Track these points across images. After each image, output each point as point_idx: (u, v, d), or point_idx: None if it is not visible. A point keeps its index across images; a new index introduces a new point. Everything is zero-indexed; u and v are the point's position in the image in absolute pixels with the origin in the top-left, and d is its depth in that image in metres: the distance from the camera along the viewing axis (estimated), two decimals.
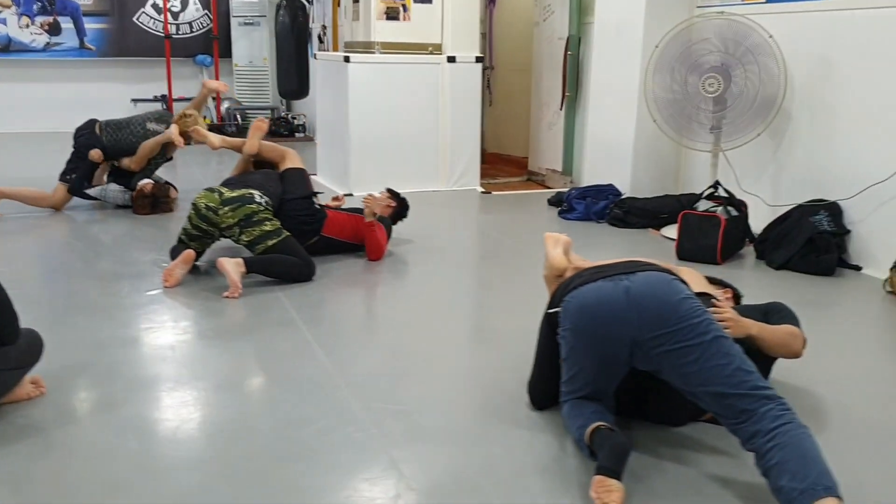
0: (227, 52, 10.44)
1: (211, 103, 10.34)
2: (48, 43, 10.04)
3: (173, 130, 5.68)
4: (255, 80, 10.47)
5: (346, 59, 6.32)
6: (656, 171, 5.85)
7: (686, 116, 5.00)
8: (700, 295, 2.62)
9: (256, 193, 4.18)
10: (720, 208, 4.71)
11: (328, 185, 6.75)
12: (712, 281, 3.20)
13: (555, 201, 6.06)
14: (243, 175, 4.64)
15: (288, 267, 4.10)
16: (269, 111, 10.42)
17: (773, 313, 2.84)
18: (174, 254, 4.14)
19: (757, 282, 4.38)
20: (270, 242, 4.08)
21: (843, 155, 4.66)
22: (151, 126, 5.90)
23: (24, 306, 2.69)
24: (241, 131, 10.22)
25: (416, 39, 6.52)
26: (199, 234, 4.16)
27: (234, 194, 4.15)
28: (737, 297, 3.21)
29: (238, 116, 10.21)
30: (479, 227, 5.61)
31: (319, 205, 4.55)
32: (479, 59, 6.66)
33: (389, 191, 4.98)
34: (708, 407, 2.29)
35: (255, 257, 4.07)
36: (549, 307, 2.61)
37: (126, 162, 5.82)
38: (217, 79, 10.21)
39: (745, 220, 4.81)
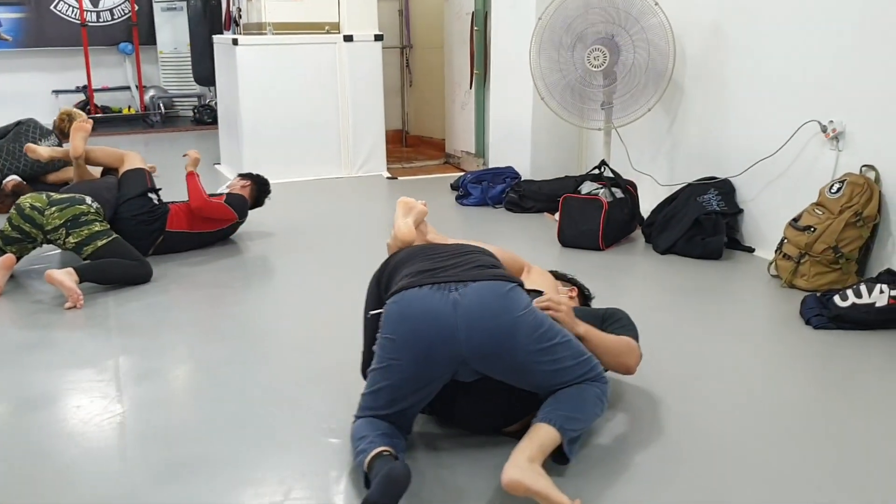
0: (150, 38, 10.04)
1: (134, 91, 9.99)
2: None
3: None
4: (180, 67, 10.06)
5: (234, 42, 5.97)
6: (557, 151, 5.53)
7: (576, 92, 4.66)
8: (529, 292, 2.31)
9: (87, 198, 3.91)
10: (602, 190, 4.39)
11: (229, 174, 6.39)
12: (559, 277, 2.91)
13: (456, 186, 5.74)
14: (76, 184, 4.31)
15: (123, 269, 3.79)
16: (195, 98, 10.04)
17: (612, 321, 2.56)
18: None
19: (639, 268, 4.07)
20: (100, 243, 3.78)
21: (735, 129, 4.34)
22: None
23: None
24: (166, 120, 9.89)
25: (312, 18, 6.18)
26: (19, 237, 3.80)
27: (62, 196, 3.89)
28: (585, 297, 2.91)
29: (162, 105, 9.84)
30: (367, 215, 5.28)
31: (159, 200, 4.23)
32: (378, 38, 6.29)
33: (241, 175, 4.71)
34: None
35: (86, 264, 3.73)
36: (369, 306, 2.32)
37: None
38: (139, 67, 9.86)
39: (632, 203, 4.48)
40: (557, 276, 2.92)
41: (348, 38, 6.17)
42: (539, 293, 2.38)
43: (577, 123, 4.80)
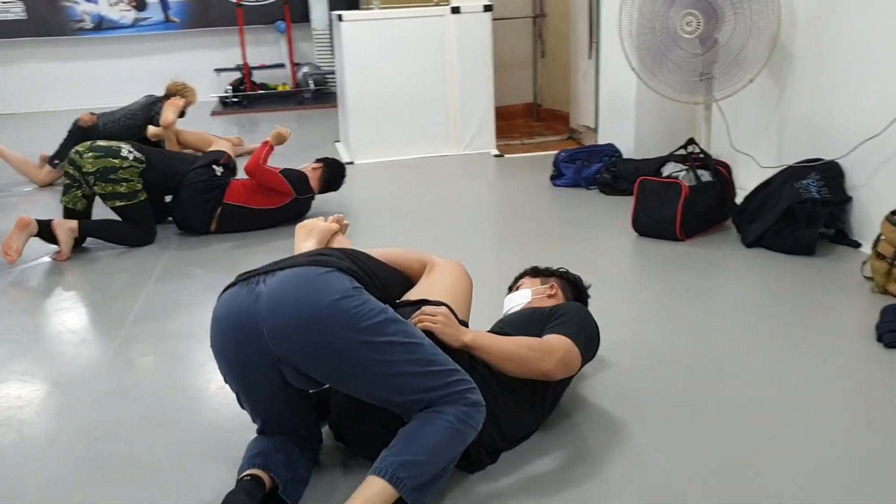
0: (305, 16, 10.26)
1: (288, 68, 10.27)
2: (136, 19, 10.31)
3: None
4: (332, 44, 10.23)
5: (340, 18, 5.90)
6: (665, 127, 5.00)
7: (668, 59, 4.16)
8: (416, 303, 2.05)
9: (126, 148, 4.08)
10: (684, 173, 3.90)
11: (345, 153, 6.36)
12: (538, 273, 2.59)
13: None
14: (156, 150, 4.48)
15: (121, 233, 4.11)
16: None
17: (556, 318, 2.21)
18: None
19: (716, 264, 3.58)
20: (119, 203, 4.05)
21: (846, 103, 3.70)
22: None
23: None
24: (319, 96, 10.09)
25: None
26: (69, 184, 4.09)
27: (103, 144, 4.10)
28: (577, 289, 2.55)
29: (313, 82, 10.03)
30: (464, 195, 5.05)
31: (223, 173, 4.26)
32: (487, 8, 5.99)
33: (318, 159, 4.62)
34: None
35: (87, 222, 4.09)
36: None
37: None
38: (291, 45, 10.10)
39: (723, 187, 3.96)
40: (537, 272, 2.61)
41: (456, 10, 5.92)
42: (417, 305, 2.09)
43: (673, 97, 4.30)
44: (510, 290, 2.64)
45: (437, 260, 2.34)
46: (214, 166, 4.27)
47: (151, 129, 5.19)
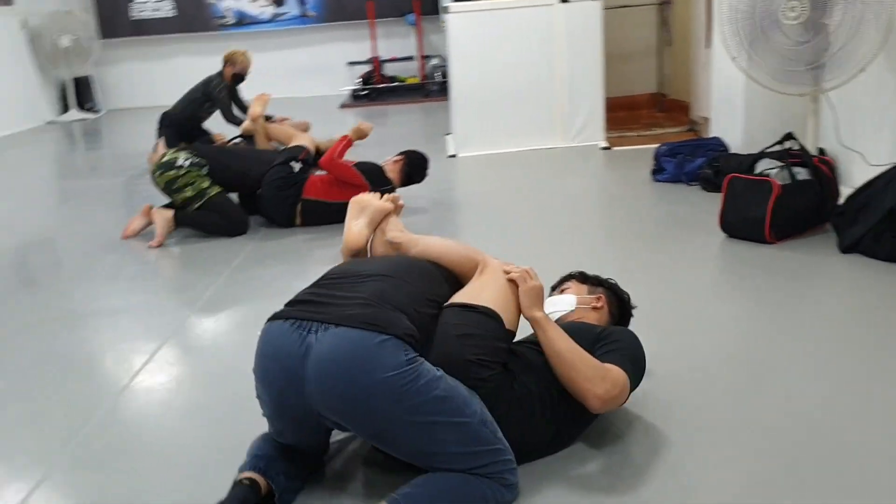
0: (434, 8, 10.30)
1: (415, 61, 10.35)
2: (274, 14, 10.70)
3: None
4: None
5: (446, 10, 5.87)
6: (775, 120, 4.64)
7: (767, 45, 3.86)
8: (462, 307, 1.97)
9: (181, 156, 4.23)
10: (778, 170, 3.61)
11: (450, 145, 6.33)
12: (585, 280, 2.46)
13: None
14: (242, 148, 4.64)
15: (212, 225, 4.28)
16: None
17: (606, 342, 2.07)
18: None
19: (805, 272, 3.27)
20: (196, 205, 4.23)
21: None
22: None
23: None
24: (444, 89, 10.11)
25: None
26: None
27: (165, 159, 4.27)
28: (621, 302, 2.42)
29: (441, 74, 10.07)
30: (566, 189, 4.89)
31: (302, 169, 4.34)
32: None
33: (402, 152, 4.60)
34: None
35: (183, 214, 4.27)
36: None
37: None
38: (420, 37, 10.16)
39: (822, 187, 3.63)
40: (586, 278, 2.46)
41: (565, 0, 5.75)
42: (469, 308, 1.98)
43: (775, 88, 3.98)
44: (553, 289, 2.52)
45: (489, 261, 2.15)
46: (292, 163, 4.34)
47: (244, 125, 5.39)
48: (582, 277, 2.48)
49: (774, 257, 3.41)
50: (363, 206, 2.33)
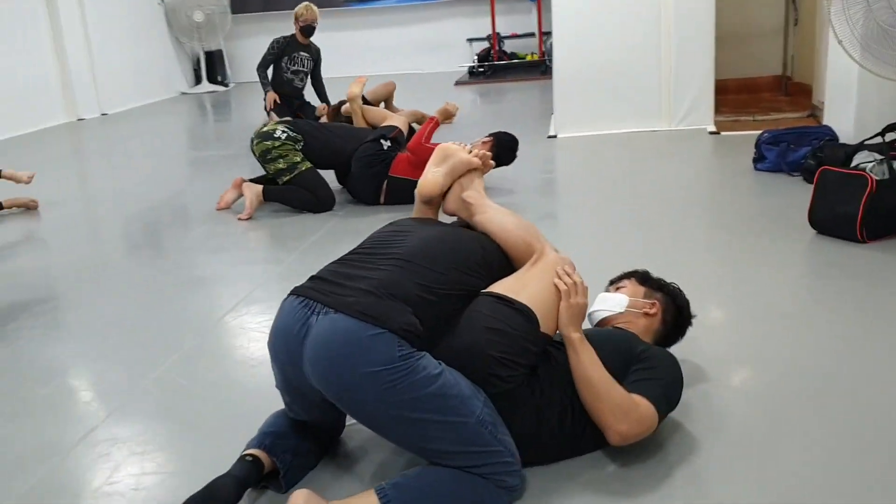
0: None
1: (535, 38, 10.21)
2: None
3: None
4: None
5: None
6: (891, 108, 4.31)
7: (880, 28, 3.58)
8: (500, 300, 1.91)
9: (280, 129, 4.35)
10: (875, 164, 3.35)
11: (554, 126, 6.22)
12: (645, 281, 2.31)
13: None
14: (336, 125, 4.77)
15: (299, 199, 4.40)
16: None
17: (643, 366, 1.94)
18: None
19: (893, 277, 3.03)
20: (286, 178, 4.34)
21: None
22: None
23: None
24: None
25: None
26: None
27: (265, 129, 4.41)
28: (678, 312, 2.26)
29: None
30: (642, 173, 4.74)
31: (391, 147, 4.40)
32: None
33: (491, 133, 4.55)
34: None
35: (272, 188, 4.41)
36: None
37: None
38: (540, 14, 10.00)
39: None
40: (646, 279, 2.31)
41: None
42: (506, 302, 1.91)
43: (888, 76, 3.69)
44: (610, 284, 2.42)
45: (547, 252, 2.05)
46: (382, 140, 4.40)
47: (345, 106, 5.54)
48: (642, 278, 2.32)
49: (864, 258, 3.18)
50: (447, 155, 2.27)
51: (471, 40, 10.55)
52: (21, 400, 2.52)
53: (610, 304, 2.26)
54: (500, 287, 1.96)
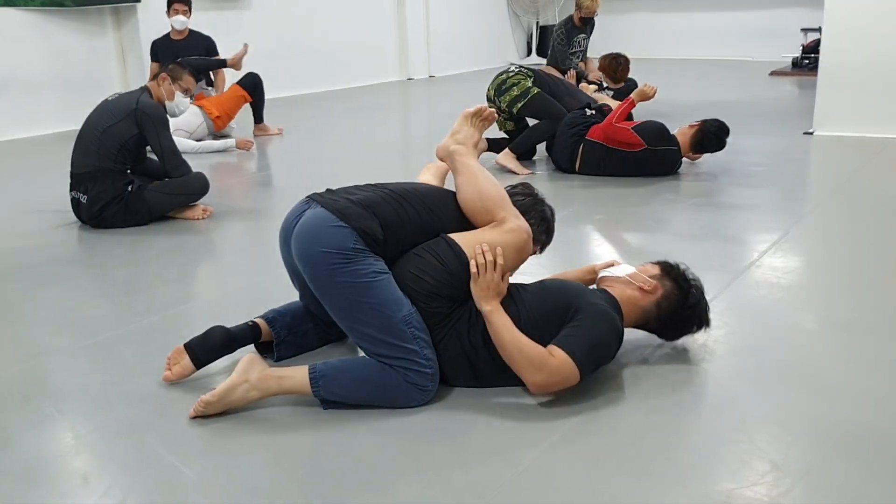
0: None
1: None
2: None
3: None
4: None
5: None
6: None
7: None
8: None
9: (512, 66, 4.97)
10: None
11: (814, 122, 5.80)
12: (666, 269, 2.38)
13: None
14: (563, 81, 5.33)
15: (538, 135, 4.83)
16: None
17: (575, 320, 2.15)
18: None
19: None
20: (520, 104, 4.83)
21: None
22: None
23: None
24: None
25: None
26: (495, 105, 4.96)
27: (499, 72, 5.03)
28: (679, 305, 2.33)
29: None
30: (880, 184, 4.36)
31: (591, 113, 4.70)
32: None
33: (702, 120, 4.65)
34: None
35: (515, 142, 4.88)
36: None
37: None
38: None
39: None
40: (666, 267, 2.38)
41: None
42: (448, 242, 2.22)
43: None
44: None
45: (508, 219, 2.26)
46: (587, 109, 4.72)
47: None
48: (664, 265, 2.40)
49: None
50: (459, 127, 2.46)
51: (805, 30, 9.95)
52: None
53: (617, 270, 2.43)
54: (456, 235, 2.25)
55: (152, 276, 3.26)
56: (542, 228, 2.45)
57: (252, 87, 6.02)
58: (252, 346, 2.39)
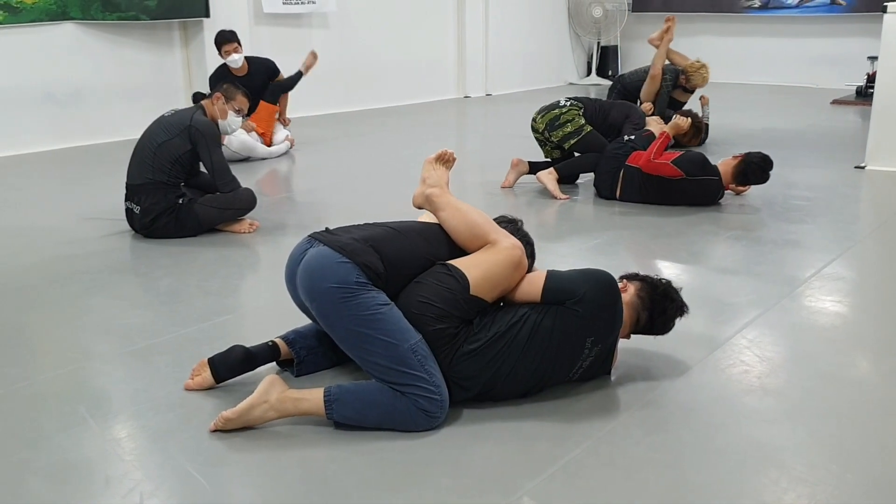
0: None
1: None
2: (802, 0, 10.34)
3: None
4: None
5: (884, 9, 5.36)
6: None
7: None
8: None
9: (563, 99, 5.03)
10: None
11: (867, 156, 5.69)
12: (632, 275, 2.59)
13: None
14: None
15: (585, 166, 4.92)
16: None
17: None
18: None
19: None
20: (573, 141, 4.94)
21: None
22: None
23: None
24: None
25: None
26: (541, 142, 5.12)
27: (548, 104, 5.08)
28: (655, 296, 2.51)
29: None
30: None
31: (629, 139, 4.75)
32: None
33: (746, 153, 4.66)
34: None
35: (561, 164, 4.94)
36: None
37: None
38: None
39: None
40: (634, 275, 2.59)
41: None
42: (446, 268, 2.36)
43: None
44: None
45: (500, 240, 2.41)
46: (627, 136, 4.78)
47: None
48: (633, 275, 2.58)
49: None
50: (424, 177, 2.64)
51: (872, 59, 9.75)
52: None
53: None
54: (454, 260, 2.40)
55: (194, 288, 3.41)
56: (528, 252, 2.54)
57: (273, 99, 6.28)
58: (272, 362, 2.52)
